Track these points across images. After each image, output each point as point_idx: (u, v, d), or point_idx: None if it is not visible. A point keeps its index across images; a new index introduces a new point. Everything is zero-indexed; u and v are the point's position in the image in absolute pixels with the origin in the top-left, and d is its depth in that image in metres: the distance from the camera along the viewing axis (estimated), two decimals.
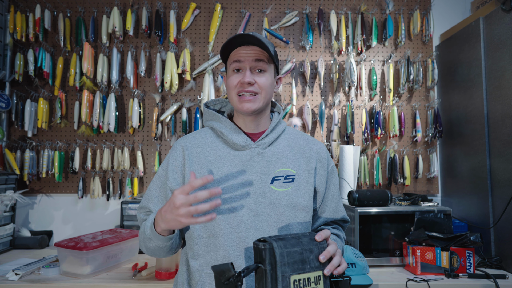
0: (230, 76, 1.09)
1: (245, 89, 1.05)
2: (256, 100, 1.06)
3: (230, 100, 1.10)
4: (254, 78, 1.05)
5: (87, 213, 2.31)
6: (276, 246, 0.81)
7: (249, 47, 1.06)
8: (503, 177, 1.76)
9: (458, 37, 2.15)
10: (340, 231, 1.20)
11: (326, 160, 1.17)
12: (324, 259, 0.87)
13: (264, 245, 0.82)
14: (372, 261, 1.77)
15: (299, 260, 0.83)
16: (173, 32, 2.27)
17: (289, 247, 0.83)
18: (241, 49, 1.07)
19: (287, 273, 0.81)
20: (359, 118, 2.35)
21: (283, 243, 0.83)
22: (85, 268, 1.56)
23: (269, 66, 1.09)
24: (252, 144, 1.08)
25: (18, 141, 2.27)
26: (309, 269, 0.84)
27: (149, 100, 2.34)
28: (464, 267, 1.62)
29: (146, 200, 1.14)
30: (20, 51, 2.26)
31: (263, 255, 0.81)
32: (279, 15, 2.39)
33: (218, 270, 0.81)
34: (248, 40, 1.05)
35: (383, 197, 1.83)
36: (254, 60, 1.05)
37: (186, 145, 1.12)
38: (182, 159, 1.10)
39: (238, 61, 1.06)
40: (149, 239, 1.02)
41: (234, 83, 1.06)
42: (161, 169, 1.14)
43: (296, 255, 0.83)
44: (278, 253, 0.81)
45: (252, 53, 1.05)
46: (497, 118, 1.81)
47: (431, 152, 2.32)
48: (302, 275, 0.83)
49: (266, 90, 1.07)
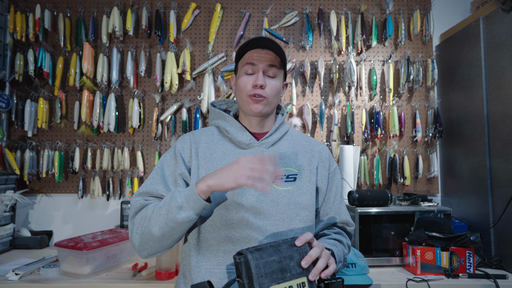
0: (241, 77, 1.11)
1: (257, 92, 1.07)
2: (264, 103, 1.09)
3: (239, 100, 1.12)
4: (266, 82, 1.08)
5: (87, 213, 2.31)
6: (251, 258, 0.80)
7: (264, 50, 1.08)
8: (503, 177, 1.76)
9: (458, 37, 2.15)
10: (343, 236, 1.17)
11: (327, 160, 1.18)
12: (306, 264, 0.84)
13: (239, 258, 0.80)
14: (372, 261, 1.77)
15: (278, 269, 0.81)
16: (173, 32, 2.27)
17: (266, 257, 0.81)
18: (256, 52, 1.09)
19: (265, 284, 0.78)
20: (359, 118, 2.35)
21: (259, 254, 0.81)
22: (85, 268, 1.56)
23: (280, 72, 1.12)
24: (256, 143, 1.11)
25: (18, 141, 2.28)
26: (290, 277, 0.81)
27: (149, 100, 2.34)
28: (464, 267, 1.62)
29: (151, 183, 1.07)
30: (20, 51, 2.26)
31: (239, 268, 0.80)
32: (279, 15, 2.39)
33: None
34: (264, 43, 1.07)
35: (383, 197, 1.83)
36: (267, 65, 1.08)
37: (194, 139, 1.13)
38: (190, 151, 1.11)
39: (252, 63, 1.08)
40: (178, 209, 0.92)
41: (247, 85, 1.08)
42: (169, 156, 1.11)
43: (274, 265, 0.81)
44: (254, 265, 0.79)
45: (267, 57, 1.08)
46: (497, 118, 1.81)
47: (431, 152, 2.32)
48: (282, 284, 0.80)
49: (274, 95, 1.10)
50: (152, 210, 0.99)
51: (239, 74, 1.13)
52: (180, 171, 1.08)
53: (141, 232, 0.99)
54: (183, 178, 1.08)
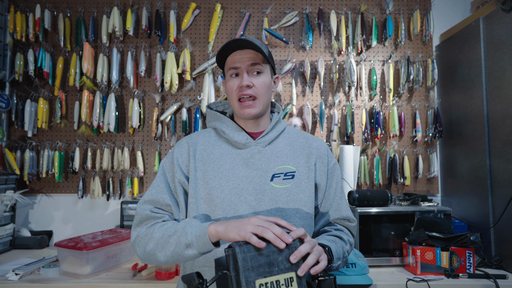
0: (228, 81, 1.12)
1: (244, 92, 1.07)
2: (255, 105, 1.09)
3: (231, 105, 1.13)
4: (252, 81, 1.08)
5: (87, 213, 2.31)
6: (238, 251, 0.80)
7: (244, 51, 1.09)
8: (503, 177, 1.76)
9: (458, 37, 2.15)
10: (344, 233, 1.16)
11: (326, 156, 1.18)
12: (295, 260, 0.83)
13: (228, 251, 0.81)
14: (372, 261, 1.77)
15: (265, 263, 0.81)
16: (173, 32, 2.27)
17: (254, 251, 0.82)
18: (236, 54, 1.09)
19: (252, 278, 0.79)
20: (359, 118, 2.35)
21: (247, 247, 0.82)
22: (85, 268, 1.56)
23: (265, 67, 1.11)
24: (252, 142, 1.11)
25: (18, 141, 2.27)
26: (277, 272, 0.81)
27: (149, 100, 2.34)
28: (464, 267, 1.62)
29: (157, 192, 1.09)
30: (20, 51, 2.26)
31: (228, 261, 0.81)
32: (279, 15, 2.39)
33: (185, 280, 0.82)
34: (242, 44, 1.07)
35: (383, 197, 1.83)
36: (249, 64, 1.08)
37: (191, 142, 1.14)
38: (187, 155, 1.12)
39: (235, 67, 1.09)
40: (186, 246, 0.94)
41: (233, 88, 1.09)
42: (168, 163, 1.14)
43: (261, 258, 0.81)
44: (241, 258, 0.80)
45: (247, 57, 1.08)
46: (497, 118, 1.81)
47: (431, 152, 2.32)
48: (269, 278, 0.81)
49: (264, 92, 1.10)
50: (160, 235, 0.99)
51: (226, 79, 1.14)
52: (178, 178, 1.09)
53: (145, 250, 1.01)
54: (181, 185, 1.10)
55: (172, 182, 1.11)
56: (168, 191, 1.09)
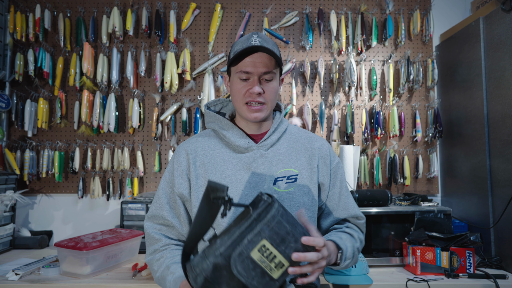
0: (236, 83, 1.08)
1: (254, 99, 1.06)
2: (263, 110, 1.08)
3: (237, 107, 1.10)
4: (263, 88, 1.06)
5: (87, 213, 2.31)
6: (275, 207, 0.79)
7: (257, 53, 1.05)
8: (503, 177, 1.76)
9: (458, 37, 2.15)
10: (354, 231, 1.16)
11: (328, 156, 1.17)
12: (295, 258, 0.80)
13: (267, 198, 0.80)
14: (372, 261, 1.77)
15: (281, 236, 0.79)
16: (173, 32, 2.27)
17: (283, 220, 0.80)
18: (250, 57, 1.05)
19: (263, 234, 0.78)
20: (359, 118, 2.35)
21: (284, 212, 0.80)
22: (85, 268, 1.56)
23: (276, 73, 1.09)
24: (254, 146, 1.10)
25: (18, 141, 2.27)
26: (281, 250, 0.80)
27: (149, 100, 2.34)
28: (464, 267, 1.62)
29: (157, 208, 1.13)
30: (20, 51, 2.26)
31: (259, 204, 0.79)
32: (279, 15, 2.39)
33: (212, 186, 0.78)
34: (257, 48, 1.03)
35: (383, 197, 1.83)
36: (263, 72, 1.05)
37: (190, 148, 1.13)
38: (187, 163, 1.11)
39: (246, 72, 1.05)
40: None
41: (242, 91, 1.06)
42: (167, 174, 1.15)
43: (282, 230, 0.79)
44: (272, 213, 0.78)
45: (260, 63, 1.04)
46: (497, 118, 1.81)
47: (431, 152, 2.32)
48: (273, 248, 0.79)
49: (273, 98, 1.09)
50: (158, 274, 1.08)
51: (233, 78, 1.10)
52: (177, 191, 1.10)
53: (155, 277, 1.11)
54: (180, 198, 1.11)
55: (171, 194, 1.12)
56: (167, 205, 1.11)
